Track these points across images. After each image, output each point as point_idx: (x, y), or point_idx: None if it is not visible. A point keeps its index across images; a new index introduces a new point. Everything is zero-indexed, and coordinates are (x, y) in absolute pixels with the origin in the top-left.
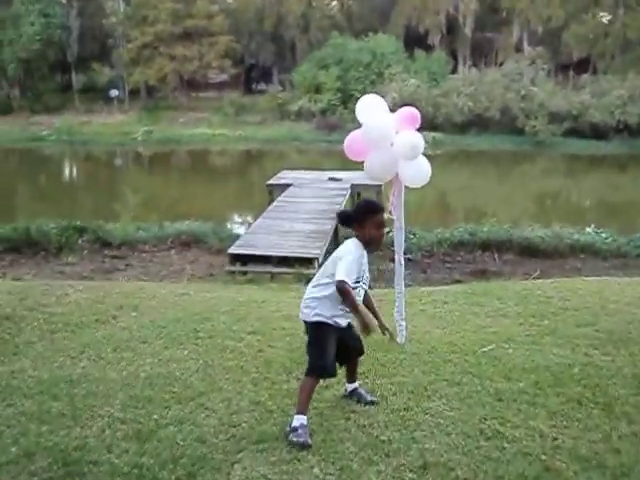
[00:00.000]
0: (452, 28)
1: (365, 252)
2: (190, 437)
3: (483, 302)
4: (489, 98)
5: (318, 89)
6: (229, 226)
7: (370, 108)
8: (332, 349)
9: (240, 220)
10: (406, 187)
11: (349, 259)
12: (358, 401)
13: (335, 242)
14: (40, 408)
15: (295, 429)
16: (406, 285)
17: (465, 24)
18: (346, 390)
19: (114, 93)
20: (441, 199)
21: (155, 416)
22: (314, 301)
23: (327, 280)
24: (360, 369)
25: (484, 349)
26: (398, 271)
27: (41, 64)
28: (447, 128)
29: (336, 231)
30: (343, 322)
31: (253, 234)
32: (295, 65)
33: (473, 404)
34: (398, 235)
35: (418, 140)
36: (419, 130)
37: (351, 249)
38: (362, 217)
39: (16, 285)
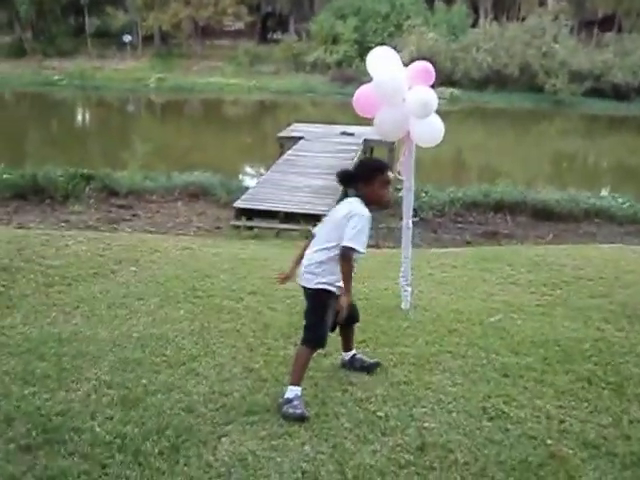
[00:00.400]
0: None
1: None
2: (178, 406)
3: (493, 268)
4: (509, 54)
5: (335, 40)
6: (239, 178)
7: (382, 61)
8: (330, 317)
9: (251, 172)
10: (417, 146)
11: (366, 228)
12: (361, 366)
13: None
14: (25, 368)
15: (290, 400)
16: (415, 245)
17: None
18: (343, 359)
19: (127, 38)
20: (455, 157)
21: (144, 381)
22: (319, 266)
23: (333, 244)
24: (361, 336)
25: (492, 319)
26: (405, 234)
27: (54, 6)
28: (465, 84)
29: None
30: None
31: (260, 188)
32: (312, 14)
33: (477, 379)
34: (407, 197)
35: (431, 97)
36: (435, 86)
37: (364, 214)
38: (369, 175)
39: (17, 234)
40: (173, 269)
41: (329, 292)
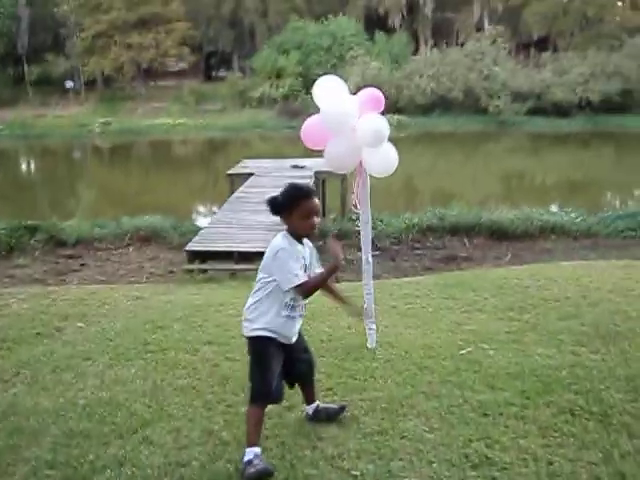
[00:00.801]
0: (412, 9)
1: (303, 244)
2: None
3: (457, 295)
4: (451, 79)
5: (279, 75)
6: (192, 219)
7: (328, 90)
8: (276, 368)
9: (203, 212)
10: (371, 176)
11: (284, 258)
12: (327, 416)
13: None
14: None
15: (249, 462)
16: (375, 276)
17: (425, 4)
18: (307, 413)
19: (69, 84)
20: (407, 183)
21: (91, 456)
22: (254, 310)
23: (268, 278)
24: (327, 383)
25: (462, 352)
26: (366, 269)
27: None
28: (411, 110)
29: None
30: (290, 334)
31: (212, 228)
32: (255, 51)
33: (455, 422)
34: (365, 230)
35: (383, 124)
36: (382, 114)
37: (281, 245)
38: (289, 204)
39: None
40: (124, 322)
41: (268, 338)
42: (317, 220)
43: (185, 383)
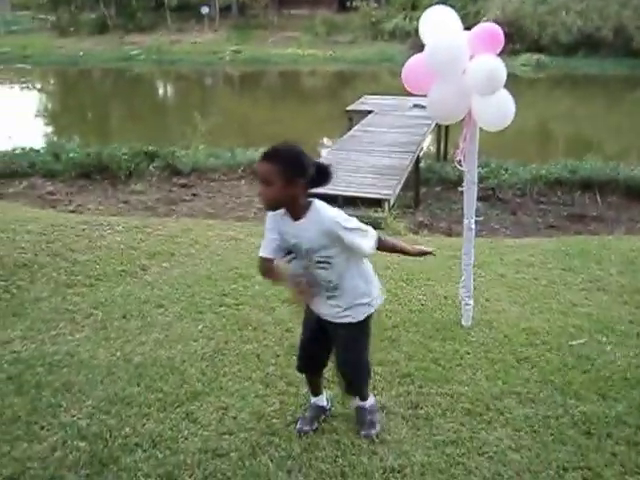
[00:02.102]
0: None
1: (284, 217)
2: (157, 472)
3: (578, 267)
4: (602, 16)
5: (415, 6)
6: (311, 153)
7: (436, 24)
8: (305, 335)
9: (325, 145)
10: (481, 129)
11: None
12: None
13: (416, 182)
14: None
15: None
16: (492, 231)
17: None
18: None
19: (205, 10)
20: (540, 129)
21: (127, 429)
22: None
23: None
24: (405, 367)
25: (573, 343)
26: (467, 237)
27: None
28: (553, 49)
29: (417, 167)
30: (318, 307)
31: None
32: None
33: (550, 440)
34: (469, 191)
35: (498, 68)
36: (515, 53)
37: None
38: None
39: (56, 222)
40: (208, 266)
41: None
42: (260, 190)
43: (250, 349)
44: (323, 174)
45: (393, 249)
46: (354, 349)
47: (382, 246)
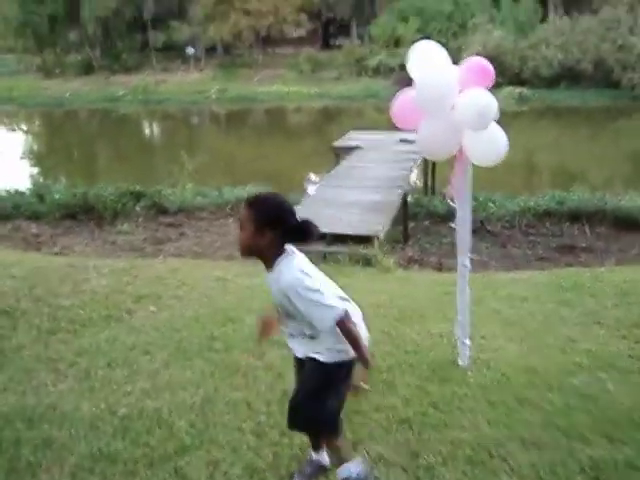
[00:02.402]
0: None
1: (273, 270)
2: None
3: (572, 300)
4: (582, 49)
5: (397, 43)
6: (297, 191)
7: (424, 59)
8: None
9: (308, 184)
10: (473, 165)
11: None
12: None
13: (404, 217)
14: None
15: None
16: (482, 264)
17: None
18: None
19: (190, 51)
20: (526, 161)
21: None
22: None
23: None
24: (403, 411)
25: (575, 381)
26: (461, 275)
27: (119, 23)
28: (534, 82)
29: (405, 203)
30: (292, 343)
31: (308, 206)
32: (374, 18)
33: None
34: (462, 229)
35: (488, 102)
36: (497, 86)
37: None
38: None
39: (39, 265)
40: (196, 308)
41: None
42: (239, 234)
43: (240, 397)
44: (303, 231)
45: (352, 342)
46: (305, 388)
47: (345, 330)
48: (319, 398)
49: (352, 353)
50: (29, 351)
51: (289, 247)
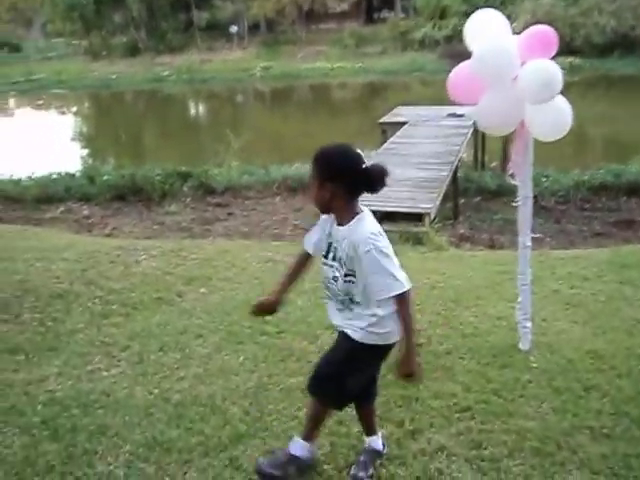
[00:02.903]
0: None
1: (329, 219)
2: None
3: (636, 279)
4: (636, 15)
5: (443, 14)
6: None
7: (483, 29)
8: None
9: None
10: (535, 139)
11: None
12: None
13: (454, 193)
14: (28, 455)
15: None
16: (536, 240)
17: None
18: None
19: (234, 29)
20: (579, 134)
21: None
22: None
23: None
24: (464, 400)
25: None
26: (523, 256)
27: (162, 3)
28: (586, 51)
29: (455, 179)
30: (330, 312)
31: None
32: None
33: None
34: (524, 207)
35: (554, 73)
36: (554, 58)
37: None
38: None
39: (91, 248)
40: (246, 290)
41: None
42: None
43: (294, 383)
44: (371, 179)
45: (407, 325)
46: (327, 356)
47: (403, 309)
48: (338, 371)
49: (389, 339)
50: (82, 335)
51: (365, 209)
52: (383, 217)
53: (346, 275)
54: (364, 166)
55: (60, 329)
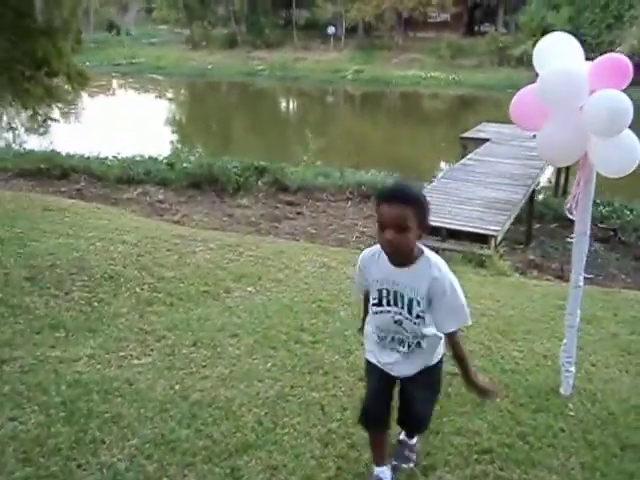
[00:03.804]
0: None
1: (381, 260)
2: None
3: None
4: None
5: (545, 32)
6: (420, 178)
7: (553, 53)
8: (375, 387)
9: (437, 173)
10: (599, 174)
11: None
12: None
13: (528, 217)
14: (39, 435)
15: None
16: (609, 276)
17: None
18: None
19: (331, 30)
20: None
21: None
22: None
23: None
24: (486, 441)
25: None
26: (574, 296)
27: None
28: None
29: (531, 200)
30: (384, 360)
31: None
32: (523, 4)
33: None
34: (579, 244)
35: (623, 105)
36: (625, 90)
37: (364, 252)
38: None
39: (152, 234)
40: (293, 295)
41: (368, 360)
42: (391, 236)
43: (316, 397)
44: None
45: (458, 357)
46: (426, 398)
47: (453, 343)
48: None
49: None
50: (124, 319)
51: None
52: (448, 235)
53: (416, 317)
54: None
55: (104, 311)
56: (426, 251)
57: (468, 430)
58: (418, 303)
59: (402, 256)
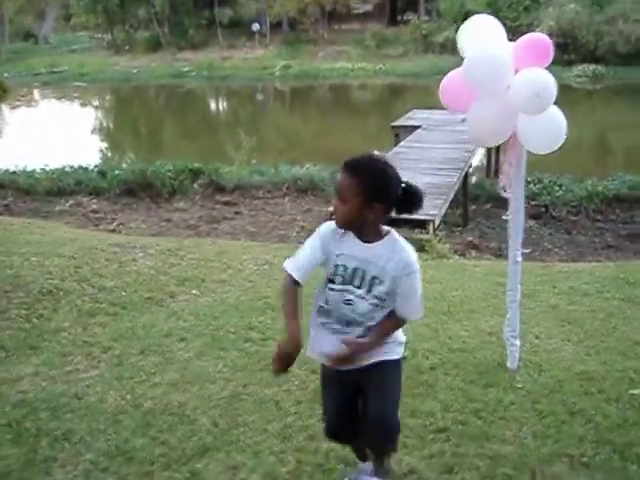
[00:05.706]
0: None
1: (347, 235)
2: None
3: (639, 296)
4: None
5: (466, 18)
6: None
7: (476, 34)
8: (335, 396)
9: None
10: (529, 152)
11: (307, 242)
12: None
13: (464, 200)
14: None
15: None
16: (545, 251)
17: None
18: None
19: (256, 27)
20: (598, 142)
21: None
22: None
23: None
24: (441, 420)
25: (634, 392)
26: (513, 272)
27: None
28: (610, 60)
29: (465, 183)
30: (323, 350)
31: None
32: None
33: None
34: (515, 220)
35: (547, 82)
36: (570, 64)
37: (323, 225)
38: None
39: (88, 244)
40: (237, 294)
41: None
42: (334, 205)
43: (269, 394)
44: (411, 200)
45: (385, 333)
46: (391, 398)
47: (389, 319)
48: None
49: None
50: (67, 334)
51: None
52: (386, 223)
53: (375, 297)
54: (403, 186)
55: (45, 327)
56: (393, 232)
57: (422, 411)
58: (381, 282)
59: (348, 227)
